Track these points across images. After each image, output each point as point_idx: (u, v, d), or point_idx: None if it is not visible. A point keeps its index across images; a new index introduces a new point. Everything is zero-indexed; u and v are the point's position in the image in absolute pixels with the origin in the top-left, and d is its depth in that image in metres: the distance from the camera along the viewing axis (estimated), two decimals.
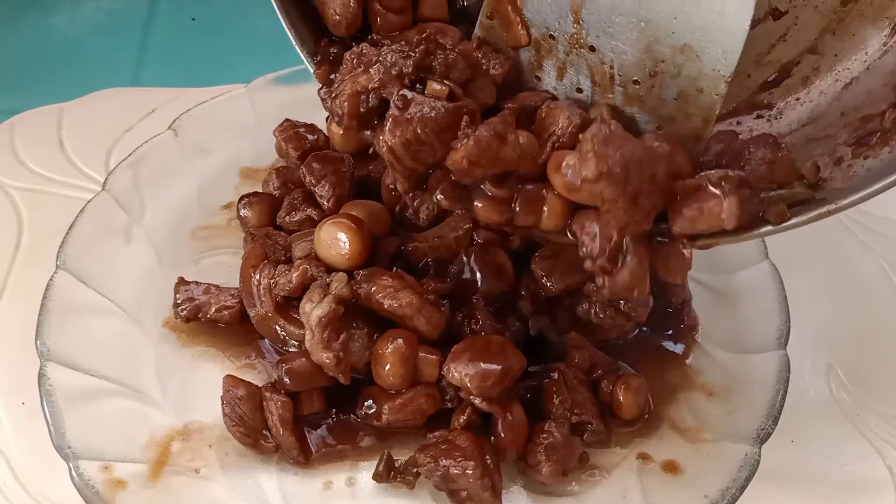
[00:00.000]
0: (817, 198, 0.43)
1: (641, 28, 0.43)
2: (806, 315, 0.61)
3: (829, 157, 0.44)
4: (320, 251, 0.52)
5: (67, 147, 0.71)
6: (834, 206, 0.41)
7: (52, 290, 0.55)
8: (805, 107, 0.49)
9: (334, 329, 0.48)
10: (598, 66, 0.45)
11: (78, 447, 0.48)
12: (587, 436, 0.51)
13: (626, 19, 0.43)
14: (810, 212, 0.42)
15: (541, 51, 0.46)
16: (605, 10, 0.43)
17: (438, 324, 0.51)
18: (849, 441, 0.56)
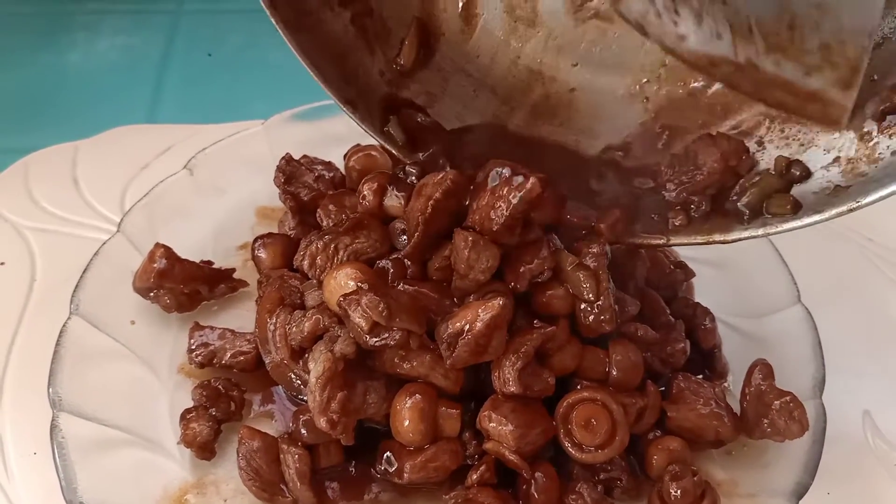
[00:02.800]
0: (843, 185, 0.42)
1: None
2: (838, 359, 0.59)
3: (854, 132, 0.44)
4: (330, 301, 0.51)
5: (82, 186, 0.71)
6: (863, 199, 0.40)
7: (66, 336, 0.54)
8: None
9: (334, 387, 0.47)
10: (734, 17, 0.44)
11: (90, 501, 0.46)
12: (617, 492, 0.49)
13: None
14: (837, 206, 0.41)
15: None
16: None
17: (457, 379, 0.49)
18: (887, 491, 0.54)
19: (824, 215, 0.42)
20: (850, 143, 0.44)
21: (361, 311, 0.45)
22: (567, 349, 0.50)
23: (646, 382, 0.51)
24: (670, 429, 0.51)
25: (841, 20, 0.41)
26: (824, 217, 0.42)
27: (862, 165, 0.43)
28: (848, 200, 0.41)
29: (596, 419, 0.47)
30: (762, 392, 0.51)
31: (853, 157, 0.44)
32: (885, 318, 0.64)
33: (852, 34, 0.41)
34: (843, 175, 0.44)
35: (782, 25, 0.42)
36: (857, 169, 0.43)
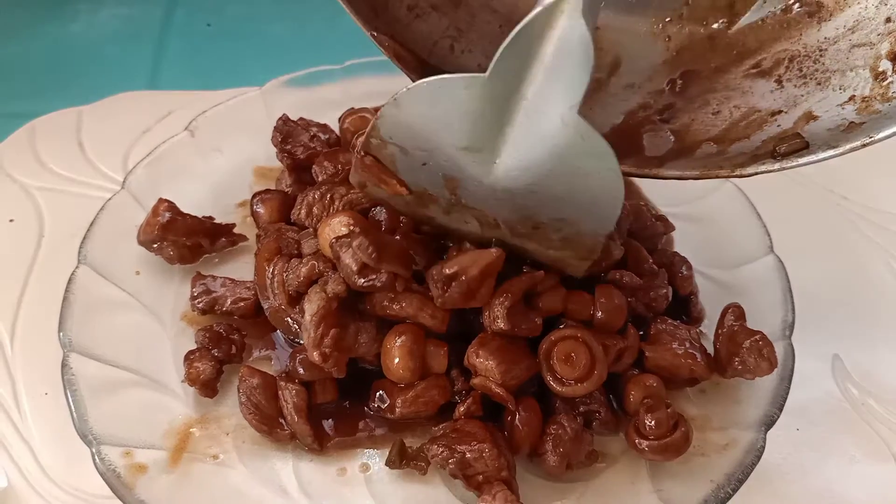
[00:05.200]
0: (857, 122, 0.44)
1: (517, 209, 0.47)
2: (812, 308, 0.62)
3: (869, 71, 0.45)
4: (324, 247, 0.53)
5: (87, 148, 0.73)
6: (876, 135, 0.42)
7: (74, 284, 0.57)
8: (853, 8, 0.48)
9: (327, 325, 0.50)
10: (482, 216, 0.49)
11: (100, 433, 0.49)
12: (595, 424, 0.52)
13: (500, 203, 0.47)
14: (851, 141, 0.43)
15: (423, 199, 0.50)
16: (480, 196, 0.47)
17: (444, 318, 0.52)
18: (854, 429, 0.57)
19: (838, 149, 0.43)
20: (864, 82, 0.46)
21: (352, 253, 0.48)
22: (554, 292, 0.53)
23: (628, 325, 0.54)
24: (647, 368, 0.54)
25: (580, 229, 0.47)
26: (838, 151, 0.43)
27: (876, 104, 0.45)
28: (861, 136, 0.43)
29: (576, 354, 0.50)
30: (734, 333, 0.54)
31: (868, 96, 0.45)
32: (857, 270, 0.67)
33: (591, 235, 0.47)
34: (858, 112, 0.45)
35: (528, 227, 0.48)
36: (871, 107, 0.45)
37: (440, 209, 0.50)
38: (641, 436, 0.50)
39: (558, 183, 0.44)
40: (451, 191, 0.48)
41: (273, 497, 0.49)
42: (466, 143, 0.44)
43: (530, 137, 0.43)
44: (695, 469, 0.50)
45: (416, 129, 0.45)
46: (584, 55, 0.39)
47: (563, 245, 0.49)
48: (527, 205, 0.46)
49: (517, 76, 0.41)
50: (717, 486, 0.48)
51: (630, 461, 0.52)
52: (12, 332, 0.60)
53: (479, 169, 0.45)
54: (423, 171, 0.47)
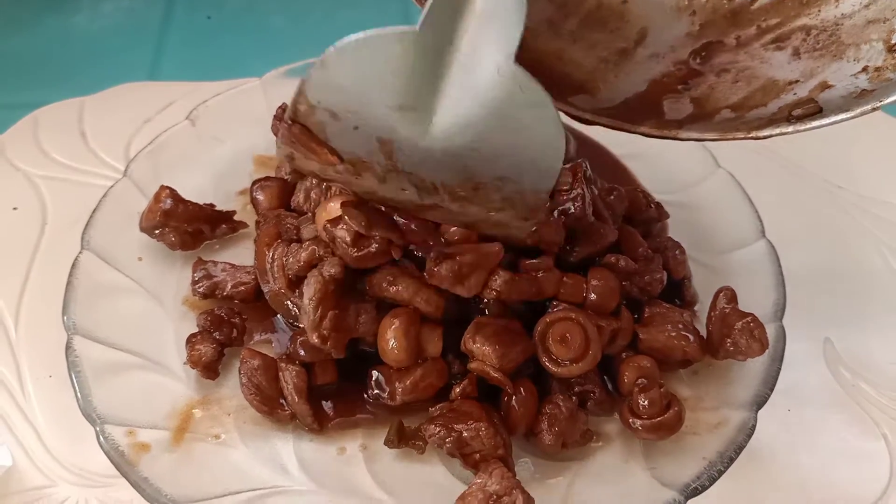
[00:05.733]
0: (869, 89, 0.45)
1: (456, 169, 0.45)
2: (804, 293, 0.63)
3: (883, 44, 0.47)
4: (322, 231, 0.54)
5: (89, 138, 0.74)
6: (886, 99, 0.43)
7: (78, 269, 0.58)
8: None
9: (326, 307, 0.51)
10: (419, 181, 0.46)
11: (104, 413, 0.50)
12: (590, 404, 0.53)
13: (439, 163, 0.44)
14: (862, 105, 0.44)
15: (356, 167, 0.47)
16: (417, 158, 0.45)
17: (438, 304, 0.52)
18: (844, 410, 0.58)
19: (850, 113, 0.45)
20: (878, 54, 0.47)
21: (345, 227, 0.49)
22: (549, 274, 0.53)
23: (621, 308, 0.55)
24: (641, 349, 0.55)
25: (521, 186, 0.45)
26: (850, 115, 0.45)
27: (888, 73, 0.46)
28: (872, 101, 0.44)
29: (571, 335, 0.51)
30: (726, 315, 0.55)
31: (881, 66, 0.46)
32: (849, 256, 0.68)
33: (532, 193, 0.45)
34: (870, 81, 0.46)
35: (468, 189, 0.46)
36: (883, 76, 0.46)
37: (374, 177, 0.47)
38: (635, 415, 0.51)
39: (498, 138, 0.43)
40: (387, 155, 0.45)
41: (274, 476, 0.50)
42: (400, 101, 0.42)
43: (466, 92, 0.41)
44: (687, 447, 0.51)
45: (345, 91, 0.42)
46: (518, 5, 0.39)
47: (505, 204, 0.47)
48: (466, 164, 0.44)
49: (449, 27, 0.40)
50: (709, 464, 0.49)
51: (624, 441, 0.53)
52: (17, 316, 0.61)
53: (414, 129, 0.43)
54: (356, 135, 0.44)
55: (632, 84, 0.53)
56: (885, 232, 0.71)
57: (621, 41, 0.44)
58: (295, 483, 0.50)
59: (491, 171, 0.44)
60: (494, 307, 0.53)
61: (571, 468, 0.52)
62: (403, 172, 0.46)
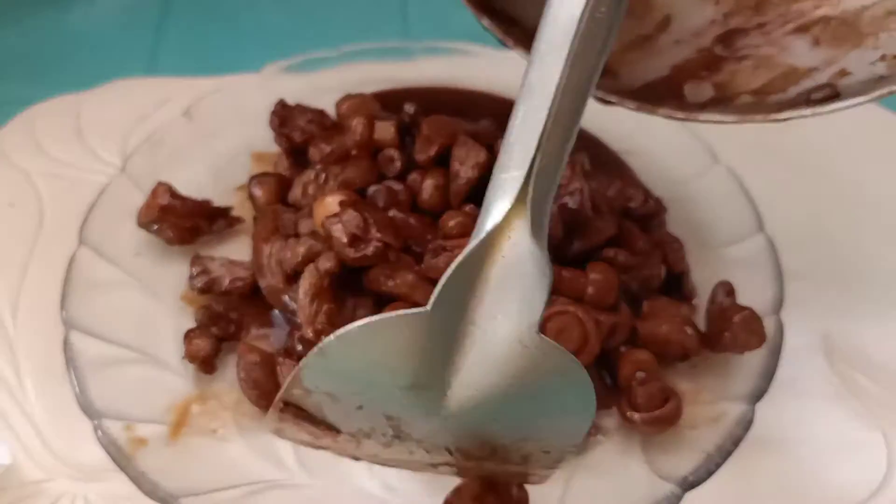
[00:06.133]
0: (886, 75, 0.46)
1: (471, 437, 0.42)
2: (803, 287, 0.63)
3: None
4: (318, 225, 0.54)
5: (86, 134, 0.74)
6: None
7: (76, 264, 0.58)
8: None
9: (321, 301, 0.51)
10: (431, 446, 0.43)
11: (101, 407, 0.50)
12: None
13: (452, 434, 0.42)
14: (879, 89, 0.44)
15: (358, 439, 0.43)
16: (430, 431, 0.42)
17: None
18: (843, 403, 0.58)
19: (868, 96, 0.45)
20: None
21: (342, 227, 0.49)
22: None
23: (620, 302, 0.55)
24: (640, 343, 0.55)
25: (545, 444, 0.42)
26: (867, 98, 0.45)
27: None
28: (891, 85, 0.45)
29: (569, 328, 0.51)
30: (724, 308, 0.55)
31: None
32: (848, 251, 0.68)
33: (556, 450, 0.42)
34: (888, 68, 0.47)
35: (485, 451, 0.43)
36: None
37: (379, 445, 0.43)
38: (633, 408, 0.51)
39: (520, 406, 0.40)
40: (394, 429, 0.42)
41: (272, 470, 0.50)
42: (411, 381, 0.40)
43: (485, 364, 0.39)
44: (685, 441, 0.51)
45: (347, 376, 0.40)
46: (540, 273, 0.37)
47: (525, 461, 0.43)
48: (484, 433, 0.42)
49: (462, 303, 0.38)
50: (706, 456, 0.49)
51: (622, 434, 0.53)
52: (14, 312, 0.61)
53: (427, 406, 0.40)
54: (359, 414, 0.41)
55: (655, 69, 0.53)
56: (885, 226, 0.70)
57: (646, 28, 0.44)
58: (292, 477, 0.50)
59: (512, 434, 0.42)
60: None
61: (569, 462, 0.52)
62: (413, 441, 0.43)
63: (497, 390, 0.39)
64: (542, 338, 0.38)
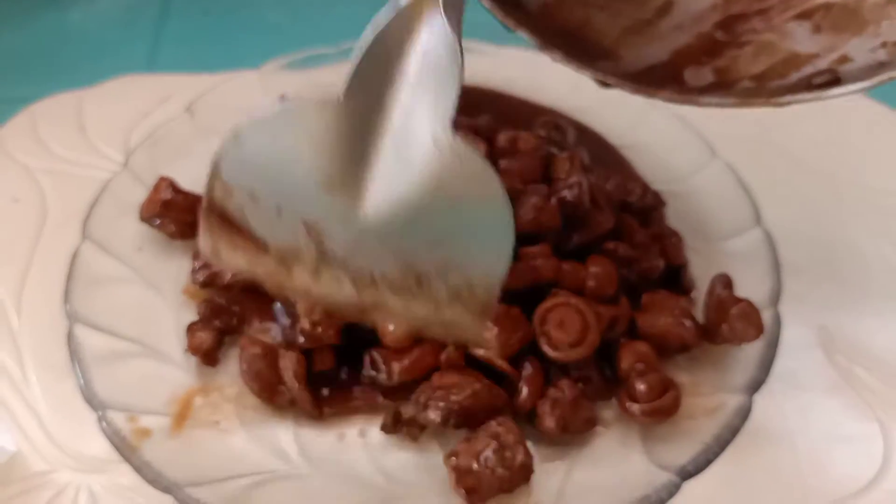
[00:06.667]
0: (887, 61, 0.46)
1: (394, 254, 0.41)
2: (801, 281, 0.63)
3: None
4: None
5: (88, 131, 0.74)
6: None
7: (79, 258, 0.58)
8: None
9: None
10: (356, 272, 0.42)
11: (105, 399, 0.50)
12: (588, 390, 0.54)
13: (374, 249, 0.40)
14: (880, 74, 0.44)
15: (286, 260, 0.42)
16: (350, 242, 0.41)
17: None
18: (840, 395, 0.58)
19: (868, 82, 0.45)
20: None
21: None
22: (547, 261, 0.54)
23: (619, 295, 0.56)
24: (639, 335, 0.55)
25: (469, 274, 0.40)
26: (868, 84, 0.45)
27: None
28: (891, 70, 0.45)
29: (569, 320, 0.51)
30: (722, 300, 0.55)
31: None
32: (846, 245, 0.68)
33: (482, 283, 0.41)
34: (889, 54, 0.47)
35: (409, 280, 0.42)
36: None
37: (307, 272, 0.43)
38: (632, 399, 0.52)
39: (437, 217, 0.39)
40: (317, 243, 0.41)
41: (274, 461, 0.51)
42: (325, 178, 0.39)
43: (401, 166, 0.38)
44: (684, 431, 0.52)
45: (263, 168, 0.39)
46: (453, 63, 0.36)
47: (454, 300, 0.42)
48: (404, 249, 0.40)
49: (380, 96, 0.37)
50: (705, 446, 0.50)
51: (622, 425, 0.53)
52: (18, 307, 0.61)
53: (342, 208, 0.39)
54: (280, 221, 0.41)
55: (655, 53, 0.52)
56: (882, 220, 0.71)
57: (646, 12, 0.44)
58: (295, 468, 0.51)
59: (433, 256, 0.40)
60: None
61: (570, 453, 0.52)
62: (337, 263, 0.42)
63: (412, 198, 0.38)
64: (457, 137, 0.37)
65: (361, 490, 0.50)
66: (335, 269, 0.42)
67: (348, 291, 0.43)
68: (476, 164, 0.37)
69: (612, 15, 0.54)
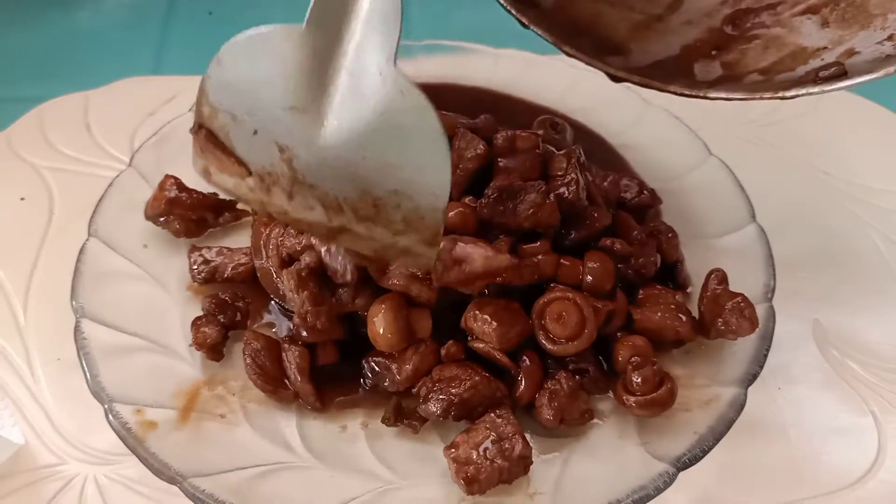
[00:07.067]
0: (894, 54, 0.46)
1: (352, 178, 0.44)
2: (795, 276, 0.65)
3: None
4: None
5: (94, 130, 0.75)
6: None
7: (85, 255, 0.59)
8: None
9: (302, 289, 0.53)
10: (324, 197, 0.46)
11: (112, 392, 0.51)
12: (585, 382, 0.55)
13: (335, 172, 0.44)
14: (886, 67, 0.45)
15: (265, 181, 0.47)
16: (315, 164, 0.45)
17: (429, 297, 0.53)
18: (834, 388, 0.59)
19: (874, 75, 0.46)
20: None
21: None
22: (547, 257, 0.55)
23: (616, 290, 0.57)
24: (636, 329, 0.56)
25: (416, 202, 0.44)
26: (874, 76, 0.46)
27: None
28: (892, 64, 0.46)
29: (567, 314, 0.52)
30: (717, 295, 0.56)
31: None
32: (838, 241, 0.70)
33: (428, 211, 0.44)
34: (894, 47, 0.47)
35: (368, 205, 0.45)
36: None
37: (283, 193, 0.47)
38: (629, 392, 0.52)
39: (386, 145, 0.43)
40: (288, 164, 0.45)
41: (278, 452, 0.52)
42: (291, 102, 0.43)
43: (353, 96, 0.42)
44: (679, 423, 0.52)
45: (241, 91, 0.44)
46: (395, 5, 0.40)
47: (407, 227, 0.46)
48: (360, 175, 0.44)
49: (337, 29, 0.41)
50: (700, 438, 0.50)
51: (618, 418, 0.54)
52: (25, 303, 0.62)
53: (307, 132, 0.44)
54: (256, 140, 0.45)
55: (665, 48, 0.54)
56: (873, 216, 0.72)
57: (656, 7, 0.45)
58: (299, 459, 0.52)
59: (384, 183, 0.44)
60: (494, 288, 0.55)
61: (567, 444, 0.53)
62: (307, 186, 0.46)
63: (363, 125, 0.42)
64: (398, 71, 0.40)
65: (363, 481, 0.51)
66: (305, 192, 0.46)
67: (319, 217, 0.47)
68: (416, 97, 0.41)
69: (624, 10, 0.55)
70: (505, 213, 0.54)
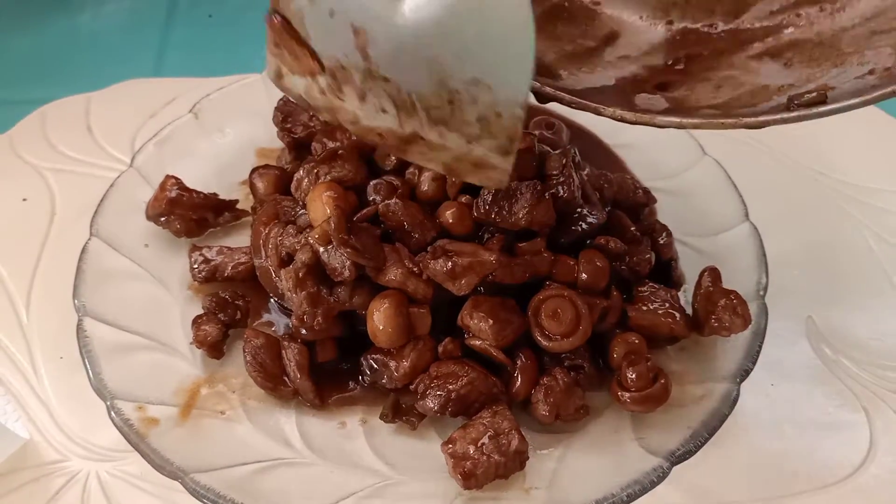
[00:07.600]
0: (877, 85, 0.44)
1: (429, 65, 0.43)
2: (787, 274, 0.65)
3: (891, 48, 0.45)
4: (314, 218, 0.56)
5: (95, 132, 0.76)
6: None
7: (87, 254, 0.60)
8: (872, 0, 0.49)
9: (301, 289, 0.53)
10: (397, 94, 0.45)
11: (114, 389, 0.52)
12: (581, 379, 0.55)
13: (412, 58, 0.43)
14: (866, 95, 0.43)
15: (337, 78, 0.46)
16: (391, 50, 0.44)
17: (426, 293, 0.54)
18: (826, 384, 0.60)
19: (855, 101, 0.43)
20: (887, 57, 0.46)
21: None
22: (541, 256, 0.56)
23: (611, 288, 0.57)
24: (630, 327, 0.57)
25: (495, 94, 0.43)
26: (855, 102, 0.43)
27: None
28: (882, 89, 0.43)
29: (562, 311, 0.53)
30: (710, 293, 0.57)
31: (890, 66, 0.45)
32: (831, 239, 0.71)
33: (507, 106, 0.43)
34: (878, 79, 0.45)
35: (443, 101, 0.44)
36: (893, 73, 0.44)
37: (355, 93, 0.46)
38: (624, 388, 0.53)
39: (465, 24, 0.41)
40: (363, 53, 0.44)
41: (278, 448, 0.53)
42: None
43: None
44: (673, 418, 0.53)
45: None
46: None
47: (482, 130, 0.45)
48: (438, 61, 0.43)
49: None
50: (693, 433, 0.51)
51: (613, 413, 0.55)
52: (28, 302, 0.63)
53: (385, 8, 0.42)
54: (332, 24, 0.44)
55: (598, 78, 0.53)
56: (865, 215, 0.73)
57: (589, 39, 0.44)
58: (298, 455, 0.52)
59: (462, 70, 0.43)
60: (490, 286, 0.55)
61: (563, 440, 0.54)
62: (381, 80, 0.45)
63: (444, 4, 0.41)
64: None
65: (362, 476, 0.51)
66: (378, 89, 0.45)
67: (391, 122, 0.46)
68: None
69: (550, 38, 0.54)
70: (501, 212, 0.54)
